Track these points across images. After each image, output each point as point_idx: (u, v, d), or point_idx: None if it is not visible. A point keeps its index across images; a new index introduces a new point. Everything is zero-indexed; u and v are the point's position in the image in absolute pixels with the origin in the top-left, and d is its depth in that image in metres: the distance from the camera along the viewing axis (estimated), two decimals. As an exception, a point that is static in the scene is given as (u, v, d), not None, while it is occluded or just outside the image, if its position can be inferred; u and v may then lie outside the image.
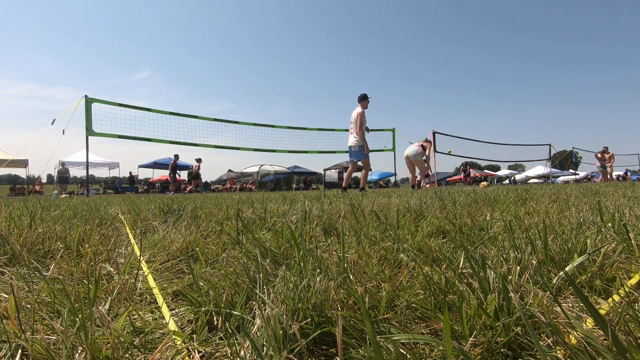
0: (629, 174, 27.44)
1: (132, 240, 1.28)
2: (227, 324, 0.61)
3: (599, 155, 15.13)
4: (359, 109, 6.77)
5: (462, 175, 23.96)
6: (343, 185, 7.04)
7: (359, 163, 6.93)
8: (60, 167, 15.20)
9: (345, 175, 7.20)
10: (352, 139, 6.88)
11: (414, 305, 0.65)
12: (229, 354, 0.53)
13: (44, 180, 20.59)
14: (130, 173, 23.07)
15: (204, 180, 22.76)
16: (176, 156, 15.27)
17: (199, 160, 15.55)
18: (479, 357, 0.51)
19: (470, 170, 24.29)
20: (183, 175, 20.37)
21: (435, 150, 14.23)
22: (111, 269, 0.95)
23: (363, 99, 6.79)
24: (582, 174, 26.65)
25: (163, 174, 26.79)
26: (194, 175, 15.86)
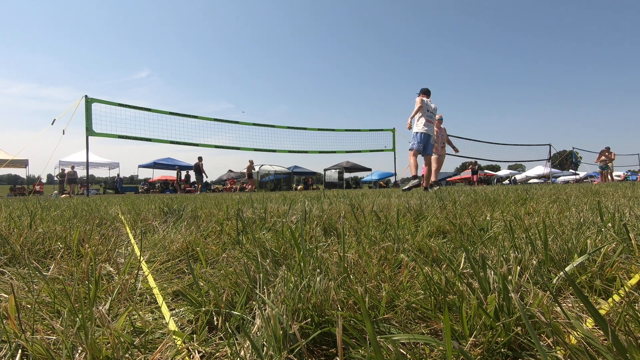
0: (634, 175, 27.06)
1: (132, 241, 1.28)
2: (227, 324, 0.61)
3: (604, 155, 15.06)
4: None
5: (470, 175, 23.76)
6: (428, 184, 6.61)
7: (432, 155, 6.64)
8: (69, 169, 17.22)
9: (432, 170, 6.74)
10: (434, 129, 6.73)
11: (414, 305, 0.65)
12: (229, 354, 0.53)
13: (44, 180, 20.74)
14: (118, 175, 23.84)
15: (204, 181, 23.44)
16: (200, 158, 16.66)
17: (251, 162, 17.46)
18: (479, 357, 0.51)
19: (478, 169, 24.03)
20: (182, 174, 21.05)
21: (435, 150, 14.22)
22: (111, 269, 0.95)
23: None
24: (582, 174, 26.63)
25: (163, 174, 26.84)
26: (247, 175, 17.71)
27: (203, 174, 16.80)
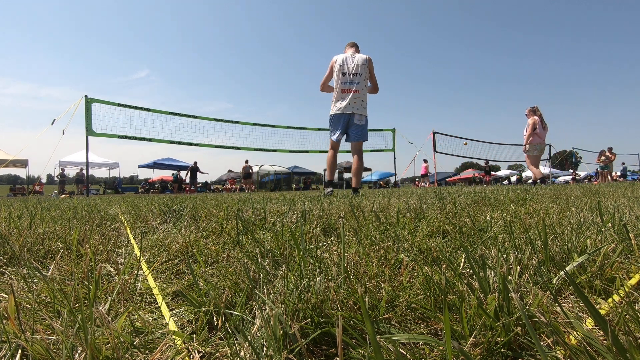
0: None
1: (132, 241, 1.28)
2: (227, 324, 0.61)
3: (604, 155, 15.00)
4: None
5: (483, 174, 23.75)
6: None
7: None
8: (79, 171, 19.23)
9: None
10: None
11: (414, 305, 0.65)
12: (229, 354, 0.53)
13: (44, 180, 20.89)
14: (115, 177, 24.79)
15: (204, 181, 24.17)
16: (195, 162, 19.30)
17: (247, 162, 19.33)
18: (478, 357, 0.51)
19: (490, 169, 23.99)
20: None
21: (435, 151, 14.24)
22: (111, 269, 0.95)
23: None
24: (582, 174, 26.61)
25: (163, 174, 26.86)
26: (245, 175, 19.47)
27: (195, 177, 19.42)
